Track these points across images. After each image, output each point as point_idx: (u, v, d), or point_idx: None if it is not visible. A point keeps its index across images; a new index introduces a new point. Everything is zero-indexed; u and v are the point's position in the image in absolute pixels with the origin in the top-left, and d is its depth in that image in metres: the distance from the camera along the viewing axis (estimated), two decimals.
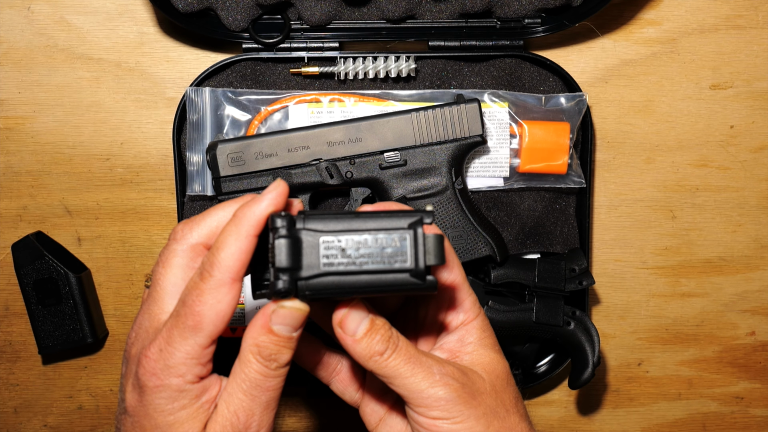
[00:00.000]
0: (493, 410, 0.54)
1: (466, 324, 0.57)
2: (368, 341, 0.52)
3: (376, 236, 0.50)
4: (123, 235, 0.86)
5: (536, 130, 0.80)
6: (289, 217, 0.49)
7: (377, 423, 0.62)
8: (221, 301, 0.50)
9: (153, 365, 0.51)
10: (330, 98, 0.80)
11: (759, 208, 0.88)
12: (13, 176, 0.85)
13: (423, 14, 0.80)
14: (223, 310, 0.51)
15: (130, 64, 0.84)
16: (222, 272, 0.50)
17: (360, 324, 0.52)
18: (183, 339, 0.51)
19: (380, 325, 0.53)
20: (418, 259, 0.49)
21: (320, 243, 0.50)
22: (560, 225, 0.83)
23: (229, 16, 0.78)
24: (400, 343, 0.53)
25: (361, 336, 0.52)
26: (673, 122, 0.87)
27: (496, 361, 0.57)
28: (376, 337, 0.52)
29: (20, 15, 0.83)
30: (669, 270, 0.90)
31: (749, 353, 0.91)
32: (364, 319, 0.52)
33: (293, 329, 0.51)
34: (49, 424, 0.89)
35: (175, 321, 0.51)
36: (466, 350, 0.57)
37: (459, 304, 0.57)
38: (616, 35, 0.85)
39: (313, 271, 0.49)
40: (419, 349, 0.54)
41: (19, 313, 0.87)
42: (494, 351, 0.57)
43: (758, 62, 0.86)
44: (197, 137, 0.80)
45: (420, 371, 0.52)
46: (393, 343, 0.53)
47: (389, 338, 0.53)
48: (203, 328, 0.51)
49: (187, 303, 0.51)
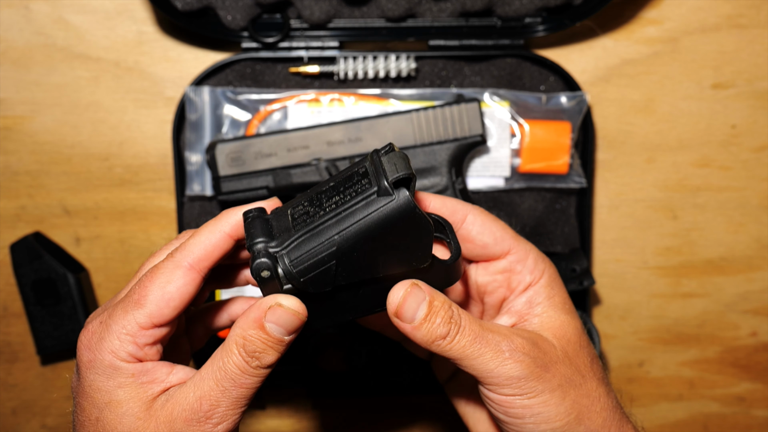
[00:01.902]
0: (569, 379, 0.51)
1: (534, 285, 0.54)
2: (428, 326, 0.49)
3: (339, 179, 0.48)
4: (122, 235, 0.86)
5: (537, 130, 0.80)
6: (259, 208, 0.49)
7: (448, 376, 0.61)
8: (171, 282, 0.49)
9: (90, 338, 0.49)
10: (330, 98, 0.80)
11: (760, 208, 0.88)
12: (12, 176, 0.85)
13: (423, 13, 0.80)
14: (170, 292, 0.49)
15: (129, 64, 0.84)
16: (183, 256, 0.49)
17: (418, 308, 0.49)
18: (124, 313, 0.49)
19: (440, 306, 0.50)
20: (379, 177, 0.46)
21: (288, 213, 0.48)
22: (561, 225, 0.83)
23: (228, 15, 0.78)
24: (463, 322, 0.50)
25: (420, 321, 0.49)
26: (674, 122, 0.87)
27: (566, 323, 0.53)
28: (437, 320, 0.49)
29: (19, 14, 0.82)
30: (670, 270, 0.89)
31: (751, 354, 0.91)
32: (421, 302, 0.49)
33: (286, 332, 0.49)
34: (47, 424, 0.89)
35: (124, 298, 0.50)
36: (534, 312, 0.54)
37: (522, 264, 0.54)
38: (617, 34, 0.85)
39: (287, 238, 0.47)
40: (485, 324, 0.51)
41: (18, 314, 0.87)
42: (564, 312, 0.54)
43: (760, 62, 0.85)
44: (196, 137, 0.80)
45: (488, 350, 0.50)
46: (455, 323, 0.50)
47: (450, 319, 0.50)
48: (145, 305, 0.49)
49: (140, 281, 0.50)
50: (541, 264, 0.55)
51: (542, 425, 0.51)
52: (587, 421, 0.52)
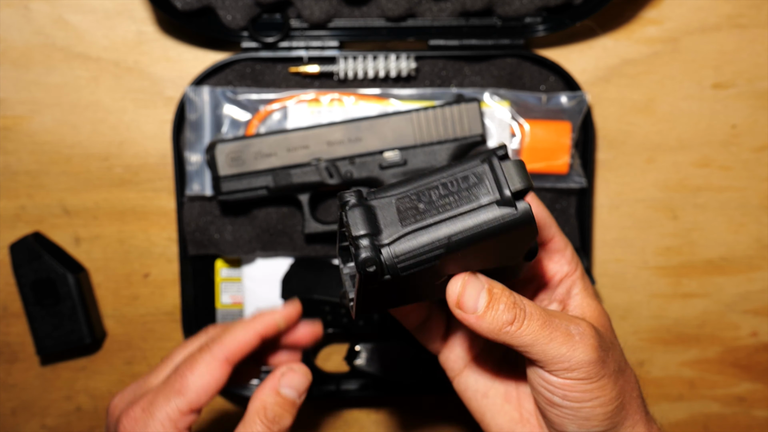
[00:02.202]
0: (619, 364, 0.53)
1: (571, 275, 0.55)
2: (493, 314, 0.49)
3: (452, 179, 0.46)
4: (121, 235, 0.86)
5: (537, 130, 0.80)
6: (357, 191, 0.46)
7: (460, 371, 0.60)
8: (210, 374, 0.56)
9: (132, 425, 0.55)
10: (330, 98, 0.80)
11: (761, 208, 0.88)
12: (11, 176, 0.85)
13: (423, 13, 0.80)
14: (208, 383, 0.56)
15: (129, 64, 0.84)
16: (220, 350, 0.57)
17: (479, 297, 0.49)
18: (166, 401, 0.55)
19: (500, 293, 0.49)
20: (501, 187, 0.45)
21: (394, 203, 0.46)
22: (561, 225, 0.83)
23: (228, 14, 0.78)
24: (528, 308, 0.50)
25: (484, 310, 0.49)
26: (674, 122, 0.87)
27: (602, 312, 0.55)
28: (500, 306, 0.49)
29: (18, 14, 0.82)
30: (670, 270, 0.89)
31: (751, 354, 0.91)
32: (481, 291, 0.49)
33: (298, 394, 0.56)
34: (47, 425, 0.89)
35: (163, 385, 0.56)
36: (574, 301, 0.55)
37: (561, 254, 0.55)
38: (617, 34, 0.85)
39: (395, 231, 0.46)
40: (546, 309, 0.51)
41: (17, 314, 0.87)
42: (597, 301, 0.56)
43: (760, 61, 0.85)
44: (196, 137, 0.80)
45: (558, 334, 0.49)
46: (520, 309, 0.49)
47: (514, 304, 0.49)
48: (186, 394, 0.55)
49: (179, 370, 0.56)
50: (576, 258, 0.56)
51: (598, 409, 0.51)
52: (627, 407, 0.54)
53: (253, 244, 0.82)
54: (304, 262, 0.82)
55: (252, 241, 0.82)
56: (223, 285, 0.85)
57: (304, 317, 0.84)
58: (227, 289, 0.85)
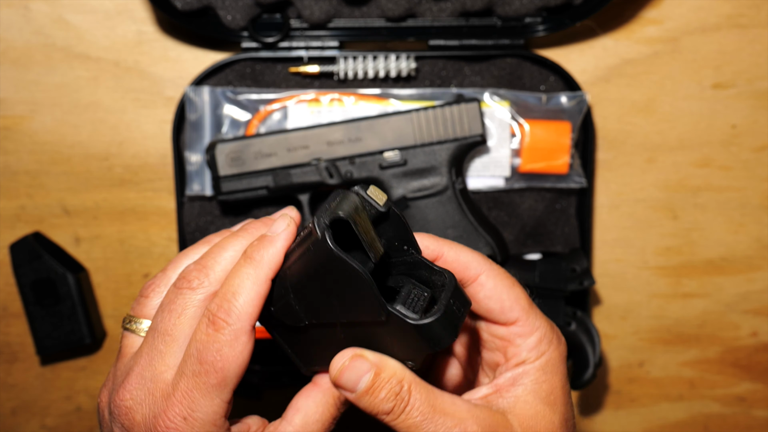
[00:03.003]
0: None
1: (526, 364, 0.50)
2: (371, 399, 0.47)
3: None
4: (121, 235, 0.86)
5: (537, 130, 0.80)
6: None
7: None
8: (243, 351, 0.46)
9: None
10: (330, 98, 0.80)
11: (761, 208, 0.88)
12: (11, 176, 0.85)
13: (423, 13, 0.80)
14: (244, 361, 0.46)
15: (129, 64, 0.84)
16: (241, 321, 0.46)
17: (360, 378, 0.46)
18: (209, 400, 0.46)
19: (386, 379, 0.46)
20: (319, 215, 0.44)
21: None
22: (561, 225, 0.83)
23: (228, 15, 0.78)
24: (412, 399, 0.46)
25: (362, 393, 0.47)
26: (674, 122, 0.87)
27: (540, 415, 0.49)
28: (381, 394, 0.46)
29: (18, 14, 0.82)
30: (670, 270, 0.89)
31: (751, 354, 0.91)
32: (364, 373, 0.46)
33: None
34: (47, 425, 0.89)
35: (194, 381, 0.46)
36: (513, 392, 0.50)
37: (521, 339, 0.51)
38: (617, 34, 0.85)
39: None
40: (440, 403, 0.47)
41: (17, 314, 0.87)
42: (546, 403, 0.50)
43: (760, 61, 0.85)
44: (196, 137, 0.80)
45: (433, 429, 0.46)
46: (402, 400, 0.46)
47: (396, 395, 0.46)
48: (228, 383, 0.46)
49: (206, 359, 0.46)
50: (545, 346, 0.51)
51: None
52: None
53: None
54: None
55: None
56: None
57: None
58: None
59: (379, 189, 0.46)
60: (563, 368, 0.51)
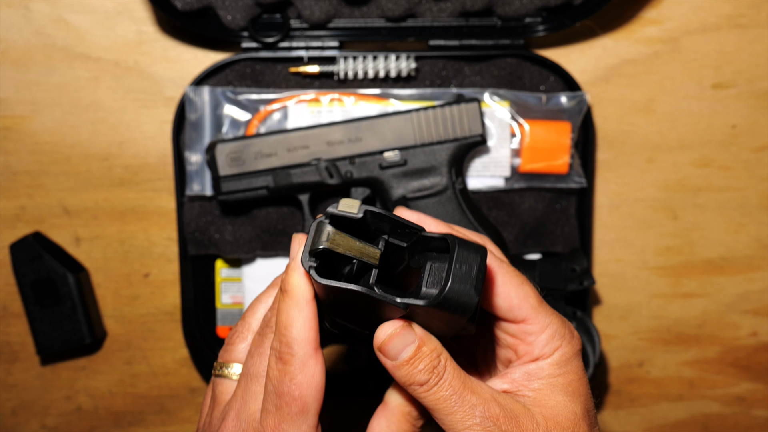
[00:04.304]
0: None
1: (540, 360, 0.51)
2: (409, 369, 0.48)
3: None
4: (122, 235, 0.86)
5: (537, 130, 0.80)
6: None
7: None
8: (314, 375, 0.49)
9: None
10: (330, 98, 0.80)
11: (761, 208, 0.88)
12: (11, 176, 0.85)
13: (423, 13, 0.80)
14: (319, 383, 0.49)
15: (129, 64, 0.84)
16: (302, 347, 0.48)
17: (404, 349, 0.48)
18: (297, 428, 0.49)
19: (427, 353, 0.48)
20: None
21: None
22: (561, 225, 0.83)
23: (228, 15, 0.78)
24: (446, 374, 0.48)
25: (402, 362, 0.48)
26: (674, 122, 0.87)
27: (561, 405, 0.50)
28: (420, 366, 0.48)
29: (18, 14, 0.82)
30: (670, 270, 0.89)
31: (751, 354, 0.91)
32: (409, 344, 0.48)
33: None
34: (47, 425, 0.89)
35: (279, 415, 0.49)
36: (531, 386, 0.51)
37: (533, 336, 0.51)
38: (617, 34, 0.85)
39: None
40: (470, 383, 0.49)
41: (17, 314, 0.87)
42: (565, 393, 0.51)
43: (760, 61, 0.85)
44: (196, 137, 0.80)
45: (460, 410, 0.48)
46: (437, 374, 0.48)
47: (434, 368, 0.48)
48: (309, 408, 0.49)
49: (283, 391, 0.49)
50: (557, 341, 0.51)
51: None
52: None
53: (253, 244, 0.82)
54: None
55: (252, 241, 0.82)
56: (223, 285, 0.85)
57: None
58: (227, 289, 0.85)
59: (348, 198, 0.46)
60: (578, 362, 0.52)
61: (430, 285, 0.47)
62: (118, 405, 0.89)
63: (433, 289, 0.47)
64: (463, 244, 0.46)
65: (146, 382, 0.89)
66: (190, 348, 0.85)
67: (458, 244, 0.46)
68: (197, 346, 0.85)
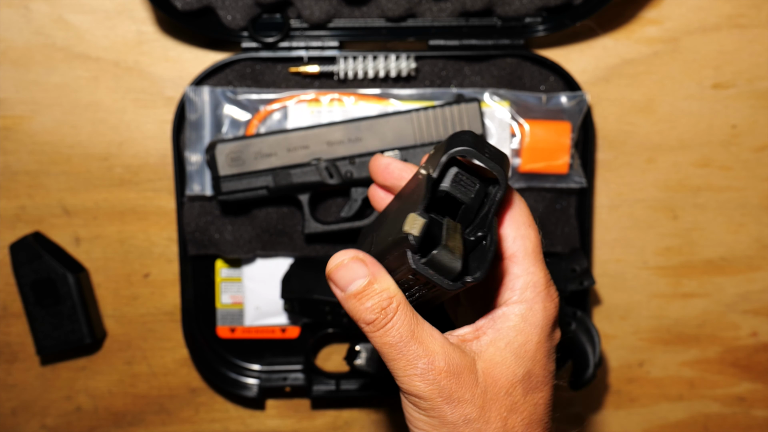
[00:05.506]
0: (467, 420, 0.48)
1: (505, 306, 0.49)
2: (356, 304, 0.47)
3: None
4: (122, 235, 0.86)
5: (537, 130, 0.80)
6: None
7: None
8: None
9: None
10: (330, 98, 0.80)
11: (761, 208, 0.88)
12: (11, 176, 0.85)
13: (423, 13, 0.80)
14: None
15: (129, 64, 0.84)
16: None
17: (353, 282, 0.47)
18: None
19: (377, 291, 0.47)
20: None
21: None
22: (561, 225, 0.83)
23: (228, 15, 0.78)
24: (396, 318, 0.47)
25: (350, 295, 0.47)
26: (674, 122, 0.87)
27: (506, 365, 0.49)
28: (367, 303, 0.47)
29: (18, 14, 0.82)
30: (670, 270, 0.89)
31: (751, 354, 0.91)
32: (360, 278, 0.47)
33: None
34: (47, 425, 0.89)
35: None
36: (488, 335, 0.49)
37: (510, 279, 0.49)
38: (617, 34, 0.85)
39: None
40: (419, 331, 0.48)
41: (17, 314, 0.87)
42: (514, 354, 0.49)
43: (760, 61, 0.85)
44: (196, 137, 0.80)
45: (402, 359, 0.47)
46: (385, 316, 0.47)
47: (382, 309, 0.47)
48: None
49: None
50: (530, 293, 0.49)
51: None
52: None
53: (253, 244, 0.82)
54: (304, 262, 0.82)
55: (252, 241, 0.82)
56: (223, 285, 0.85)
57: (304, 317, 0.84)
58: (227, 289, 0.85)
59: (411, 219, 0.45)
60: (546, 326, 0.50)
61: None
62: (118, 405, 0.89)
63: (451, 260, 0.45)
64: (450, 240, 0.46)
65: (146, 382, 0.89)
66: (190, 348, 0.85)
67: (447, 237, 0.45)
68: (197, 346, 0.85)
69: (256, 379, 0.86)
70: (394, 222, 0.48)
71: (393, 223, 0.49)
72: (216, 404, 0.90)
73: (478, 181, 0.48)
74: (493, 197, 0.48)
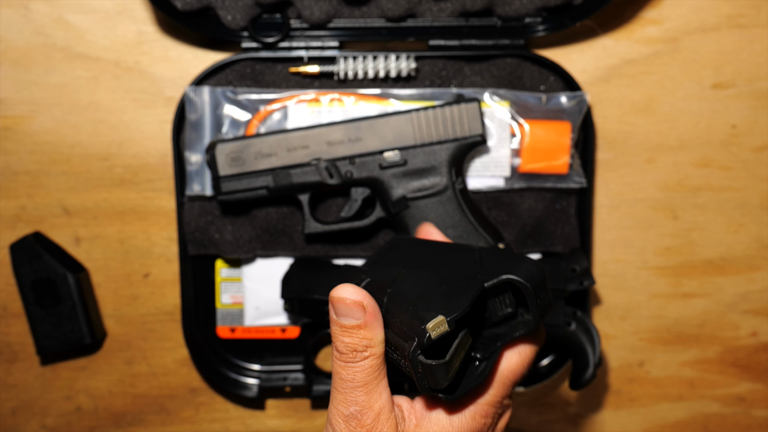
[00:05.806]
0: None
1: (442, 409, 0.54)
2: (338, 332, 0.52)
3: None
4: (122, 235, 0.86)
5: (537, 130, 0.80)
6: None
7: None
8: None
9: None
10: (330, 98, 0.80)
11: (761, 208, 0.88)
12: (11, 176, 0.85)
13: (423, 13, 0.80)
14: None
15: (129, 64, 0.84)
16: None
17: (346, 318, 0.51)
18: None
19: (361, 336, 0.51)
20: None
21: None
22: (561, 225, 0.83)
23: (228, 15, 0.78)
24: (360, 365, 0.51)
25: (338, 324, 0.51)
26: (674, 122, 0.87)
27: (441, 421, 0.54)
28: (346, 339, 0.51)
29: (18, 14, 0.82)
30: (670, 270, 0.89)
31: (751, 354, 0.91)
32: (355, 320, 0.51)
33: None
34: (47, 425, 0.89)
35: None
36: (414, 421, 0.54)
37: None
38: (617, 34, 0.85)
39: None
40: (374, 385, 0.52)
41: (17, 314, 0.87)
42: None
43: (760, 61, 0.85)
44: (196, 137, 0.80)
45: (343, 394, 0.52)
46: (352, 358, 0.51)
47: (354, 351, 0.51)
48: None
49: None
50: (469, 412, 0.55)
51: None
52: None
53: (253, 244, 0.82)
54: (304, 262, 0.82)
55: (252, 241, 0.82)
56: (223, 285, 0.85)
57: (304, 317, 0.84)
58: (227, 289, 0.85)
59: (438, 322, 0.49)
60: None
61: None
62: (118, 405, 0.89)
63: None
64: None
65: (146, 382, 0.89)
66: (190, 348, 0.85)
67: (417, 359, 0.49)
68: (197, 346, 0.85)
69: (256, 379, 0.86)
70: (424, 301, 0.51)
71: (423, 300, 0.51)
72: (216, 404, 0.90)
73: (515, 306, 0.51)
74: (513, 329, 0.51)
